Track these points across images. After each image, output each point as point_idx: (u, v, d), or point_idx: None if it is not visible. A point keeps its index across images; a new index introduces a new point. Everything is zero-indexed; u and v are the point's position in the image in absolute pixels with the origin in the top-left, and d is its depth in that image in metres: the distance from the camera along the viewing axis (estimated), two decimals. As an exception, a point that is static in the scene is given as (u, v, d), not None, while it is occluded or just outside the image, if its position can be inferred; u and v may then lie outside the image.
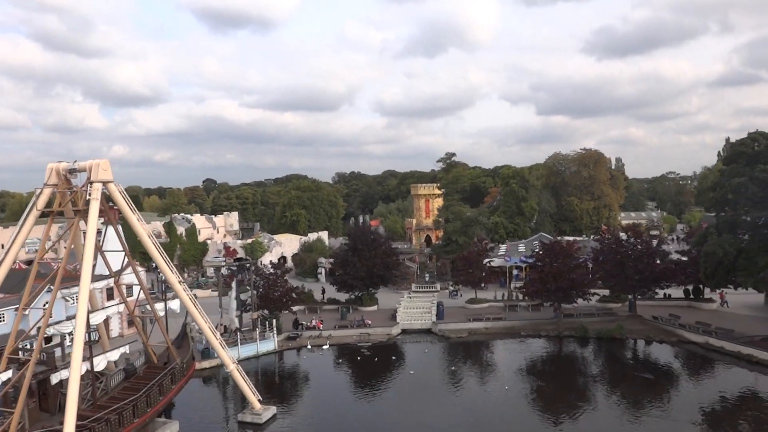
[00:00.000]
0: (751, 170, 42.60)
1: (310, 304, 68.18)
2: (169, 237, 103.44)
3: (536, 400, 40.65)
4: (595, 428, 35.46)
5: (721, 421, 36.06)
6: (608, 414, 37.44)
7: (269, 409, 39.00)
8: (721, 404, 38.87)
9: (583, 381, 45.03)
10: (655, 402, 38.93)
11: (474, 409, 38.92)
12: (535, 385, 43.83)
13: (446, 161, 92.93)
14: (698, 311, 61.45)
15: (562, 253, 55.89)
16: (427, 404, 40.22)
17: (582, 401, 39.80)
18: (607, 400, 40.06)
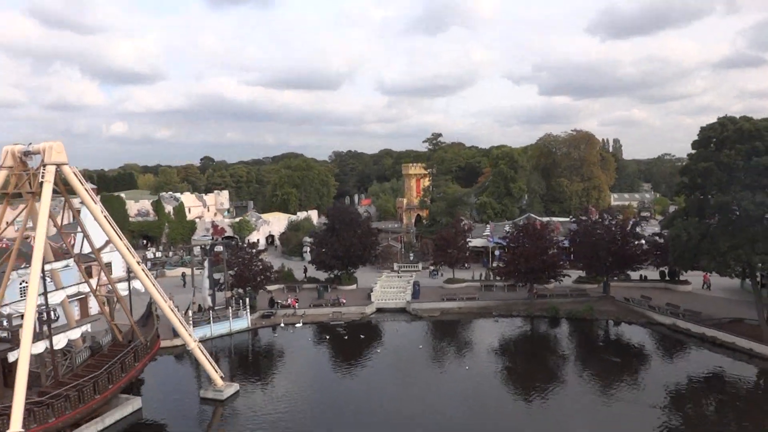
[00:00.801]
0: (718, 155, 42.48)
1: (290, 282, 68.75)
2: (158, 215, 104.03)
3: (498, 379, 41.05)
4: (558, 410, 35.55)
5: (684, 404, 36.40)
6: (573, 395, 37.68)
7: (232, 386, 39.62)
8: (684, 387, 39.10)
9: (548, 361, 45.28)
10: (619, 384, 39.17)
11: (437, 386, 39.55)
12: (500, 364, 44.30)
13: (432, 141, 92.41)
14: (673, 293, 61.86)
15: (535, 235, 56.06)
16: (392, 383, 40.82)
17: (546, 382, 39.83)
18: (574, 381, 40.24)
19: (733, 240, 41.69)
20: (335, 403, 37.36)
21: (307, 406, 37.10)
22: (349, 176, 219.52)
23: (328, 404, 37.20)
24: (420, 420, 34.20)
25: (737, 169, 40.76)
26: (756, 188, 40.41)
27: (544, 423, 33.95)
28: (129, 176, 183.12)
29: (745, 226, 41.38)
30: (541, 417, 34.75)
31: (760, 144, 40.29)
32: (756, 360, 43.61)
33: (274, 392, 40.10)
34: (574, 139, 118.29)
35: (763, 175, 39.95)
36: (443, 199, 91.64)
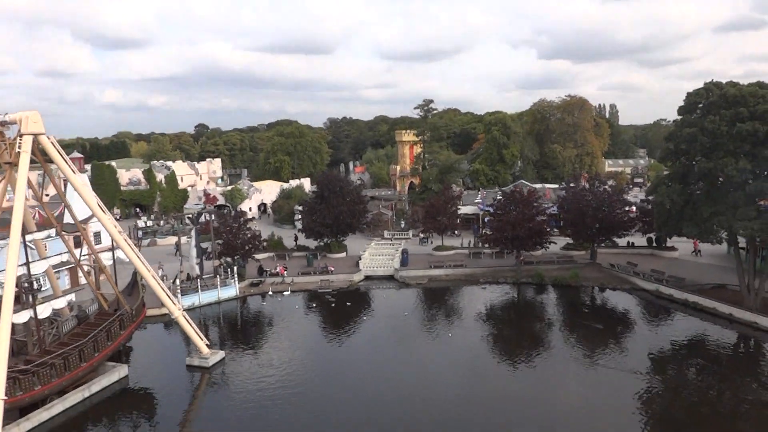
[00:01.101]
0: (702, 121, 42.23)
1: (280, 251, 69.05)
2: (149, 184, 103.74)
3: (482, 346, 41.49)
4: (541, 376, 35.94)
5: (665, 369, 36.89)
6: (556, 361, 38.13)
7: (217, 354, 40.17)
8: (666, 352, 39.75)
9: (532, 327, 45.89)
10: (601, 349, 39.76)
11: (423, 353, 40.24)
12: (484, 331, 44.73)
13: (424, 108, 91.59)
14: (660, 259, 62.33)
15: (522, 202, 56.10)
16: (378, 350, 41.35)
17: (530, 348, 40.41)
18: (557, 347, 40.70)
19: (715, 206, 41.79)
20: (321, 370, 37.92)
21: (293, 372, 37.63)
22: (344, 143, 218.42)
23: (313, 371, 37.79)
24: (406, 386, 34.79)
25: (721, 135, 40.51)
26: (739, 154, 40.34)
27: (527, 388, 34.39)
28: (122, 144, 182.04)
29: (727, 192, 41.44)
30: (525, 382, 35.32)
31: (744, 110, 40.00)
32: (735, 325, 44.28)
33: (261, 359, 40.68)
34: (568, 104, 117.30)
35: (746, 141, 39.80)
36: (435, 166, 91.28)
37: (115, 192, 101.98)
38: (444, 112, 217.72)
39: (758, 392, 33.07)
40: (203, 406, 34.67)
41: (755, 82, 44.48)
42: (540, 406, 32.11)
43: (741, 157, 40.15)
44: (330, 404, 32.92)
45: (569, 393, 33.72)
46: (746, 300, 45.01)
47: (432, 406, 32.18)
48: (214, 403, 34.44)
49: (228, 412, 32.71)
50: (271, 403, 33.40)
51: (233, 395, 35.09)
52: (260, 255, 67.77)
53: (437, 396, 33.31)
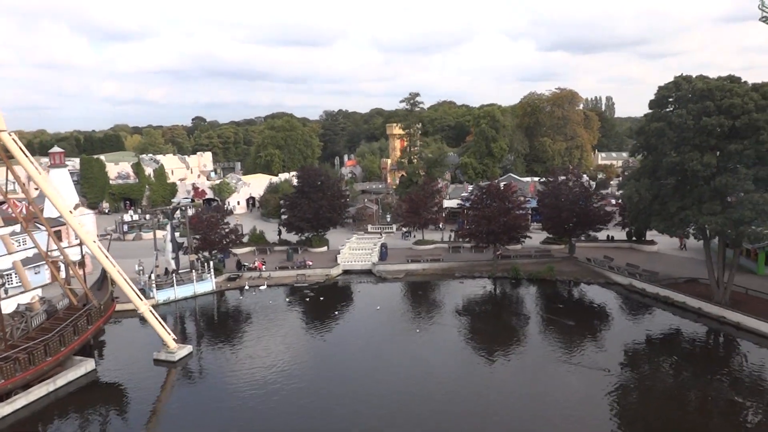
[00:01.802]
0: (670, 115, 42.19)
1: (261, 245, 69.28)
2: (138, 178, 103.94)
3: (449, 342, 41.44)
4: (506, 379, 35.71)
5: (634, 366, 36.75)
6: (523, 356, 38.30)
7: (184, 348, 40.44)
8: (633, 347, 39.81)
9: (502, 322, 46.13)
10: (569, 345, 39.72)
11: (390, 348, 40.37)
12: (454, 325, 44.58)
13: (410, 101, 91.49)
14: (638, 253, 62.49)
15: (497, 196, 56.14)
16: (346, 344, 41.61)
17: (499, 344, 40.48)
18: (525, 342, 40.92)
19: (682, 201, 41.83)
20: (287, 365, 37.99)
21: (260, 367, 37.77)
22: (340, 136, 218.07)
23: (279, 365, 37.89)
24: (371, 383, 34.99)
25: (688, 129, 40.48)
26: (705, 149, 40.31)
27: (493, 388, 33.91)
28: (116, 137, 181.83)
29: (694, 187, 41.44)
30: (491, 382, 34.82)
31: (711, 104, 39.91)
32: (704, 319, 44.47)
33: (229, 354, 40.94)
34: (558, 97, 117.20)
35: (711, 136, 39.78)
36: (422, 160, 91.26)
37: (104, 186, 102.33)
38: (439, 105, 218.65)
39: (727, 391, 32.75)
40: (167, 401, 34.98)
41: (726, 75, 44.55)
42: (506, 406, 31.71)
43: (707, 151, 40.14)
44: (293, 399, 33.06)
45: (538, 392, 33.06)
46: (715, 294, 45.15)
47: (391, 402, 32.40)
48: (179, 398, 34.84)
49: (192, 406, 33.04)
50: (237, 397, 33.54)
51: (198, 389, 35.53)
52: (242, 249, 68.13)
53: (395, 393, 33.44)
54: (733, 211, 38.60)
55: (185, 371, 38.41)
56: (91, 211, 63.76)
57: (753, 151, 38.47)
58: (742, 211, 37.81)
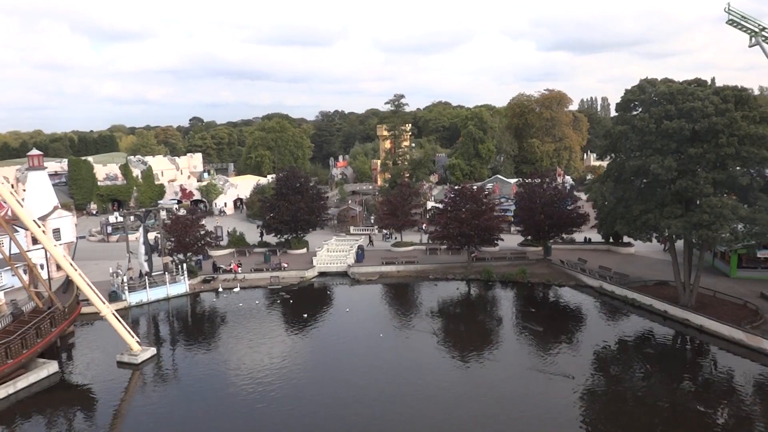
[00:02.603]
0: (633, 118, 42.27)
1: (241, 247, 69.53)
2: (125, 179, 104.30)
3: (409, 348, 40.95)
4: (467, 387, 35.13)
5: (598, 372, 36.27)
6: (489, 366, 37.49)
7: (148, 350, 40.64)
8: (600, 353, 39.30)
9: (469, 327, 45.96)
10: (537, 352, 39.35)
11: (354, 351, 40.48)
12: (419, 330, 44.04)
13: (395, 103, 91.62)
14: (615, 255, 62.55)
15: (471, 198, 56.26)
16: (311, 347, 41.72)
17: (461, 350, 40.26)
18: (492, 350, 40.18)
19: (645, 204, 41.90)
20: (250, 368, 38.08)
21: (223, 370, 38.03)
22: (336, 136, 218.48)
23: (242, 369, 38.00)
24: (333, 385, 35.01)
25: (650, 132, 40.53)
26: (666, 152, 40.37)
27: (454, 395, 33.25)
28: (110, 138, 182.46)
29: (656, 190, 41.52)
30: (453, 389, 34.07)
31: (672, 107, 40.00)
32: (669, 322, 44.54)
33: (194, 356, 41.17)
34: (546, 98, 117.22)
35: (672, 139, 39.83)
36: (406, 161, 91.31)
37: (92, 187, 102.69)
38: (434, 106, 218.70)
39: (687, 397, 32.70)
40: (128, 403, 34.92)
41: (693, 79, 44.75)
42: (466, 416, 31.05)
43: (668, 155, 40.20)
44: (253, 402, 33.16)
45: (501, 399, 32.72)
46: (682, 297, 45.22)
47: (344, 406, 32.57)
48: (139, 400, 34.92)
49: (151, 408, 33.13)
50: (198, 400, 33.76)
51: (159, 392, 35.68)
52: (222, 251, 68.43)
53: (351, 397, 33.58)
54: (692, 215, 38.66)
55: (147, 374, 38.62)
56: (69, 214, 63.86)
57: (713, 155, 38.56)
58: (701, 214, 37.89)
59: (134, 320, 50.07)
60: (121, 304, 51.58)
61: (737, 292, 49.22)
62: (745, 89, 40.49)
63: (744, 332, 39.41)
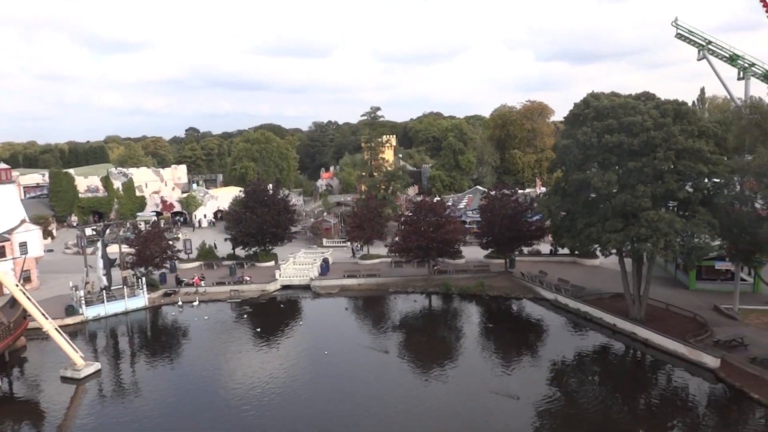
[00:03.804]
0: (576, 133, 42.44)
1: (210, 259, 69.70)
2: (107, 191, 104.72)
3: (348, 366, 40.13)
4: (401, 408, 34.38)
5: (541, 390, 35.44)
6: (433, 386, 36.82)
7: (92, 365, 40.70)
8: (545, 370, 38.91)
9: (416, 343, 45.34)
10: (483, 369, 38.87)
11: (291, 367, 40.44)
12: (363, 347, 43.41)
13: (371, 115, 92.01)
14: (580, 267, 62.56)
15: (430, 211, 56.37)
16: (249, 364, 41.34)
17: (404, 368, 39.87)
18: (438, 368, 39.56)
19: (589, 218, 41.99)
20: (192, 382, 38.27)
21: (166, 385, 38.13)
22: (328, 147, 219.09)
23: (183, 383, 38.23)
24: (268, 400, 35.12)
25: (592, 146, 40.70)
26: (607, 166, 40.55)
27: (389, 418, 32.79)
28: (101, 149, 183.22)
29: (599, 204, 41.62)
30: (386, 411, 33.49)
31: (614, 121, 40.18)
32: (618, 335, 44.52)
33: (139, 371, 41.34)
34: (528, 110, 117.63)
35: (613, 153, 40.01)
36: (382, 174, 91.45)
37: (73, 199, 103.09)
38: (424, 117, 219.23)
39: (627, 414, 32.53)
40: (69, 419, 34.86)
41: (642, 92, 45.00)
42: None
43: (609, 168, 40.36)
44: (192, 416, 33.32)
45: (441, 418, 32.26)
46: (631, 310, 45.18)
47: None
48: (80, 415, 34.83)
49: (90, 424, 33.21)
50: (139, 415, 33.83)
51: (99, 406, 35.70)
52: (190, 264, 68.65)
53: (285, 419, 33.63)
54: (631, 229, 38.72)
55: (89, 389, 38.67)
56: (36, 227, 64.20)
57: (650, 169, 38.66)
58: (638, 228, 37.95)
59: (91, 334, 50.30)
60: (77, 318, 51.87)
61: (693, 304, 49.20)
62: (684, 103, 40.75)
63: (686, 346, 39.35)
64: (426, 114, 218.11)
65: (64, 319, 51.14)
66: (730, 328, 43.09)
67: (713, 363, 37.21)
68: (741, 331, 41.67)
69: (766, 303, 48.09)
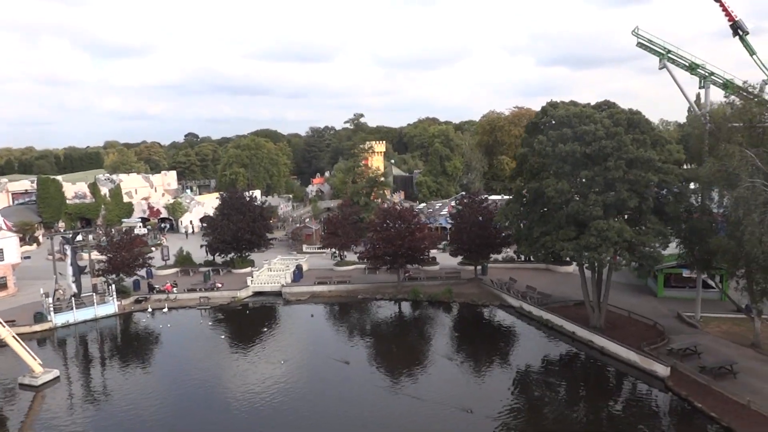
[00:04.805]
0: (533, 141, 42.64)
1: (186, 266, 70.11)
2: (94, 197, 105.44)
3: (305, 375, 40.00)
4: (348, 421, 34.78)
5: (497, 403, 34.71)
6: (390, 395, 36.59)
7: (50, 372, 41.00)
8: (500, 381, 38.52)
9: (375, 351, 45.12)
10: (440, 380, 38.55)
11: (245, 377, 40.54)
12: (324, 355, 43.30)
13: (354, 122, 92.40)
14: (552, 274, 62.69)
15: (399, 218, 56.62)
16: (208, 370, 41.50)
17: (356, 377, 39.50)
18: (394, 377, 39.47)
19: (545, 227, 42.14)
20: (143, 392, 38.36)
21: (122, 394, 38.16)
22: (324, 152, 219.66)
23: (133, 393, 38.28)
24: (225, 410, 35.08)
25: (547, 155, 40.89)
26: (561, 175, 40.70)
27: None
28: (96, 155, 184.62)
29: (554, 213, 41.77)
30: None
31: (569, 130, 40.34)
32: (577, 344, 44.51)
33: (100, 379, 41.57)
34: (515, 115, 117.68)
35: (567, 162, 40.16)
36: (366, 179, 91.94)
37: (61, 205, 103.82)
38: (419, 122, 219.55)
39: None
40: (26, 427, 35.09)
41: (602, 101, 45.16)
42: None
43: (563, 177, 40.51)
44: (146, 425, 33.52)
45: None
46: (591, 318, 45.27)
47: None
48: (36, 424, 34.96)
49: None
50: (96, 425, 33.94)
51: (55, 415, 35.72)
52: (167, 271, 69.07)
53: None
54: (582, 238, 38.85)
55: (47, 396, 38.94)
56: (13, 234, 64.83)
57: (602, 178, 38.82)
58: (588, 237, 38.08)
59: (59, 341, 50.72)
60: (46, 325, 52.28)
61: (657, 312, 49.34)
62: (637, 112, 40.90)
63: (638, 354, 39.39)
64: (422, 119, 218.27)
65: (33, 326, 51.68)
66: (688, 336, 43.13)
67: (663, 372, 37.24)
68: (697, 339, 41.66)
69: (730, 311, 48.12)
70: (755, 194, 33.01)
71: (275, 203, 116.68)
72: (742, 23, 46.61)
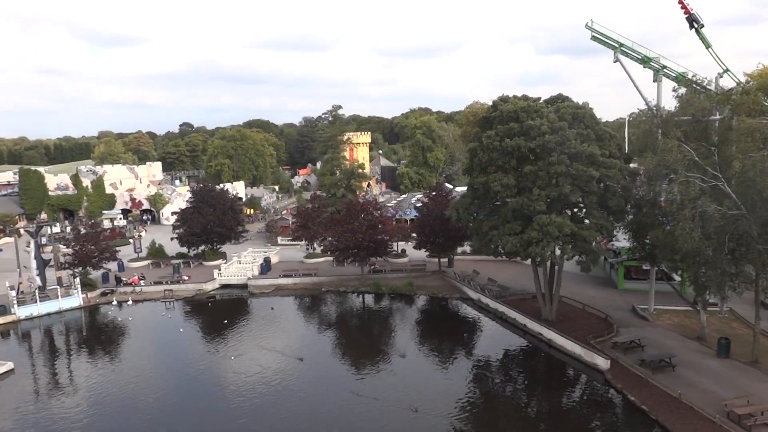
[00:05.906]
0: (482, 135, 42.75)
1: (158, 258, 70.53)
2: (76, 189, 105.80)
3: (255, 373, 39.62)
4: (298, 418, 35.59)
5: (445, 403, 34.27)
6: (336, 394, 36.30)
7: (4, 365, 41.51)
8: (451, 378, 38.39)
9: (331, 346, 45.27)
10: (389, 377, 38.40)
11: (192, 369, 40.98)
12: (276, 351, 43.11)
13: (333, 114, 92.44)
14: (521, 267, 62.68)
15: (362, 210, 56.86)
16: (163, 366, 41.98)
17: (308, 374, 39.37)
18: (346, 373, 39.67)
19: (493, 221, 42.37)
20: (95, 386, 38.66)
21: (79, 386, 38.65)
22: (318, 143, 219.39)
23: (83, 387, 38.78)
24: (173, 403, 35.69)
25: (494, 150, 41.02)
26: (508, 170, 40.88)
27: None
28: (85, 146, 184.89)
29: (500, 207, 42.01)
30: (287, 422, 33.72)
31: (516, 125, 40.49)
32: (528, 336, 44.90)
33: (56, 371, 41.86)
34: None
35: (513, 157, 40.36)
36: (342, 171, 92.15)
37: (43, 197, 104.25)
38: (410, 112, 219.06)
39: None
40: None
41: (557, 94, 45.32)
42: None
43: (509, 172, 40.70)
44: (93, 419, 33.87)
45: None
46: (543, 311, 45.62)
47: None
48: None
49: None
50: (49, 419, 34.17)
51: (7, 408, 36.14)
52: (139, 263, 69.52)
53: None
54: (526, 233, 39.11)
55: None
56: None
57: (545, 173, 39.00)
58: (531, 232, 38.34)
59: (23, 334, 51.16)
60: (9, 318, 52.73)
61: (614, 304, 49.73)
62: (583, 107, 40.99)
63: (582, 347, 39.74)
64: (413, 109, 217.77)
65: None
66: (637, 329, 43.52)
67: (604, 365, 37.60)
68: (643, 332, 42.10)
69: (686, 304, 48.32)
70: (689, 189, 33.16)
71: (258, 194, 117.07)
72: (698, 16, 46.41)
